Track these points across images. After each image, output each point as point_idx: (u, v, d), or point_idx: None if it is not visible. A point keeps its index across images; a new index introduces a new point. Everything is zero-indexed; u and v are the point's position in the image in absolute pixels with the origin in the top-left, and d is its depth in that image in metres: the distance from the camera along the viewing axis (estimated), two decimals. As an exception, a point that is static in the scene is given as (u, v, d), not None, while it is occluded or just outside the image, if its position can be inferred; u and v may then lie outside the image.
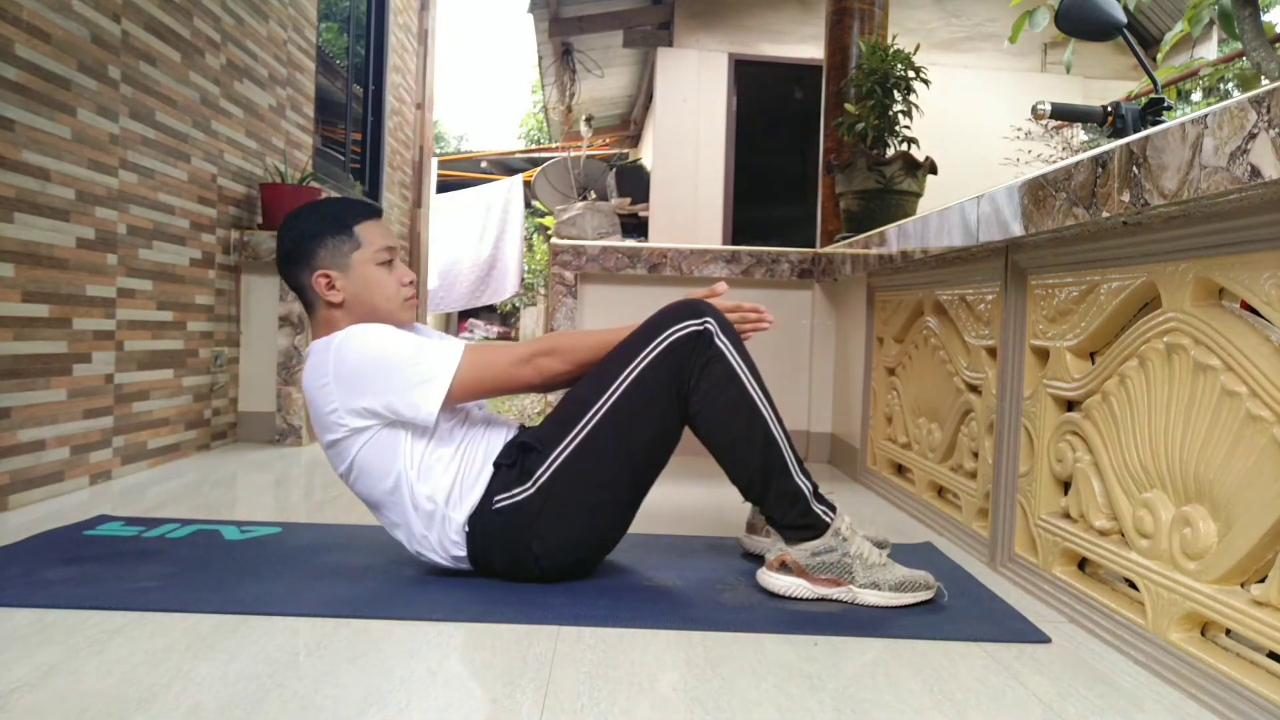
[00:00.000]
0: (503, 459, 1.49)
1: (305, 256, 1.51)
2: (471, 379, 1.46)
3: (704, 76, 6.18)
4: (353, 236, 1.52)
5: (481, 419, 1.59)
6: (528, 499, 1.45)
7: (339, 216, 1.53)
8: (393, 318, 1.54)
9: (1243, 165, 0.95)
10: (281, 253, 1.54)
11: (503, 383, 1.49)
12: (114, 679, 1.10)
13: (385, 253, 1.54)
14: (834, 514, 1.48)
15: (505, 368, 1.48)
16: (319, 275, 1.50)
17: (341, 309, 1.52)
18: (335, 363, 1.44)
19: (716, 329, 1.47)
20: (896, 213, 2.73)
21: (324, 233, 1.51)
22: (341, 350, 1.44)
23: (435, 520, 1.48)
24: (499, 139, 33.83)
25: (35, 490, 2.12)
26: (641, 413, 1.46)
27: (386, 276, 1.54)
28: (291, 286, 1.55)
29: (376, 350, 1.44)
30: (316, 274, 1.50)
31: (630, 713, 1.05)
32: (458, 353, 1.46)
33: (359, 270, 1.52)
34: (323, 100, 4.25)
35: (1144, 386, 1.29)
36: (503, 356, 1.48)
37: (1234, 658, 1.10)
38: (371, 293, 1.52)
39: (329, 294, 1.51)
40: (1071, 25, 1.74)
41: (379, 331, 1.47)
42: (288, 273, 1.54)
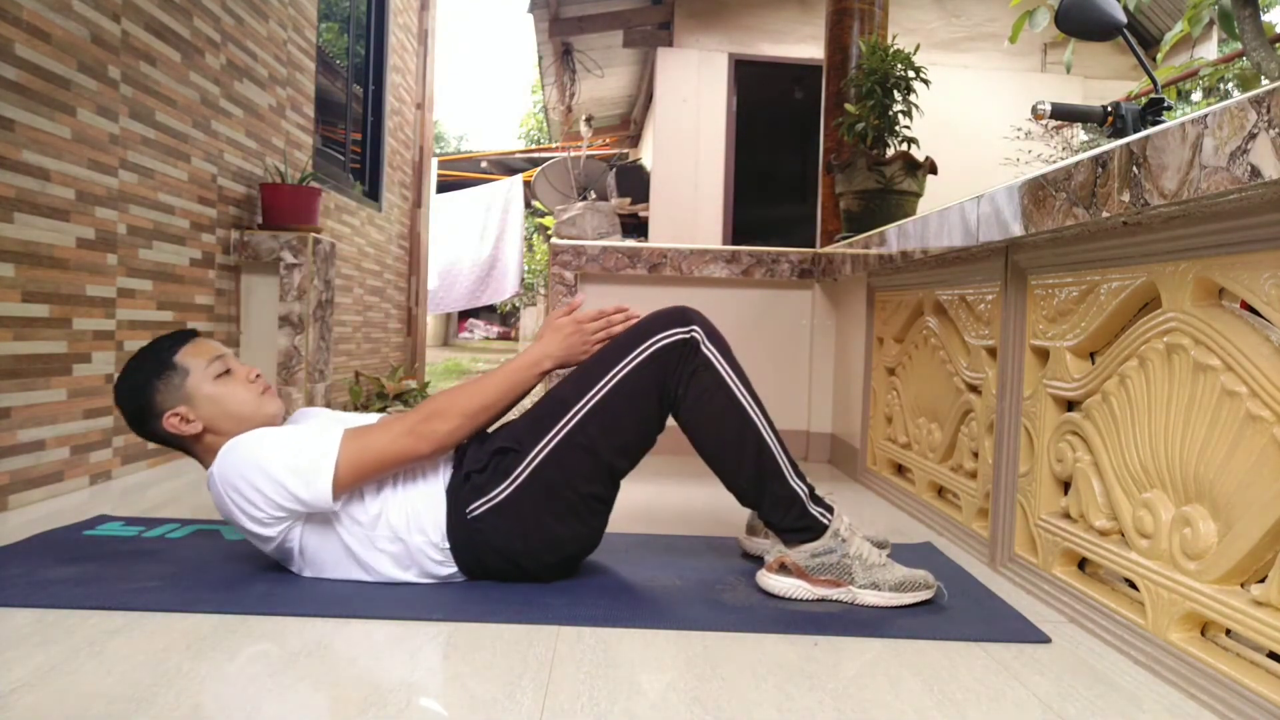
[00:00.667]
0: (473, 465, 1.48)
1: (148, 410, 1.49)
2: (355, 463, 1.40)
3: (704, 76, 6.19)
4: (177, 369, 1.50)
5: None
6: (506, 499, 1.45)
7: (156, 357, 1.52)
8: (257, 416, 1.51)
9: (1243, 165, 0.95)
10: (129, 419, 1.53)
11: (389, 460, 1.42)
12: (114, 679, 1.10)
13: (217, 365, 1.52)
14: (831, 515, 1.49)
15: (388, 445, 1.42)
16: (169, 417, 1.48)
17: (209, 434, 1.50)
18: (223, 486, 1.42)
19: (703, 337, 1.47)
20: (896, 213, 2.73)
21: (150, 379, 1.50)
22: (223, 474, 1.42)
23: (406, 556, 1.48)
24: (499, 139, 33.84)
25: (35, 490, 2.12)
26: (622, 416, 1.46)
27: (229, 385, 1.52)
28: (157, 441, 1.54)
29: (250, 463, 1.40)
30: (166, 418, 1.49)
31: (630, 713, 1.05)
32: (335, 441, 1.41)
33: (200, 394, 1.49)
34: (323, 100, 4.25)
35: (1144, 386, 1.29)
36: (385, 435, 1.43)
37: (1234, 658, 1.10)
38: (224, 407, 1.50)
39: (187, 428, 1.49)
40: (1071, 25, 1.74)
41: (248, 444, 1.43)
42: (144, 431, 1.53)
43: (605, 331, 1.54)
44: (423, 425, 1.43)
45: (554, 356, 1.51)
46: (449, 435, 1.45)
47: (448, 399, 1.47)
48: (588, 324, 1.53)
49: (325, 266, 3.38)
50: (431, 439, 1.43)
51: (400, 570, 1.49)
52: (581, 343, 1.52)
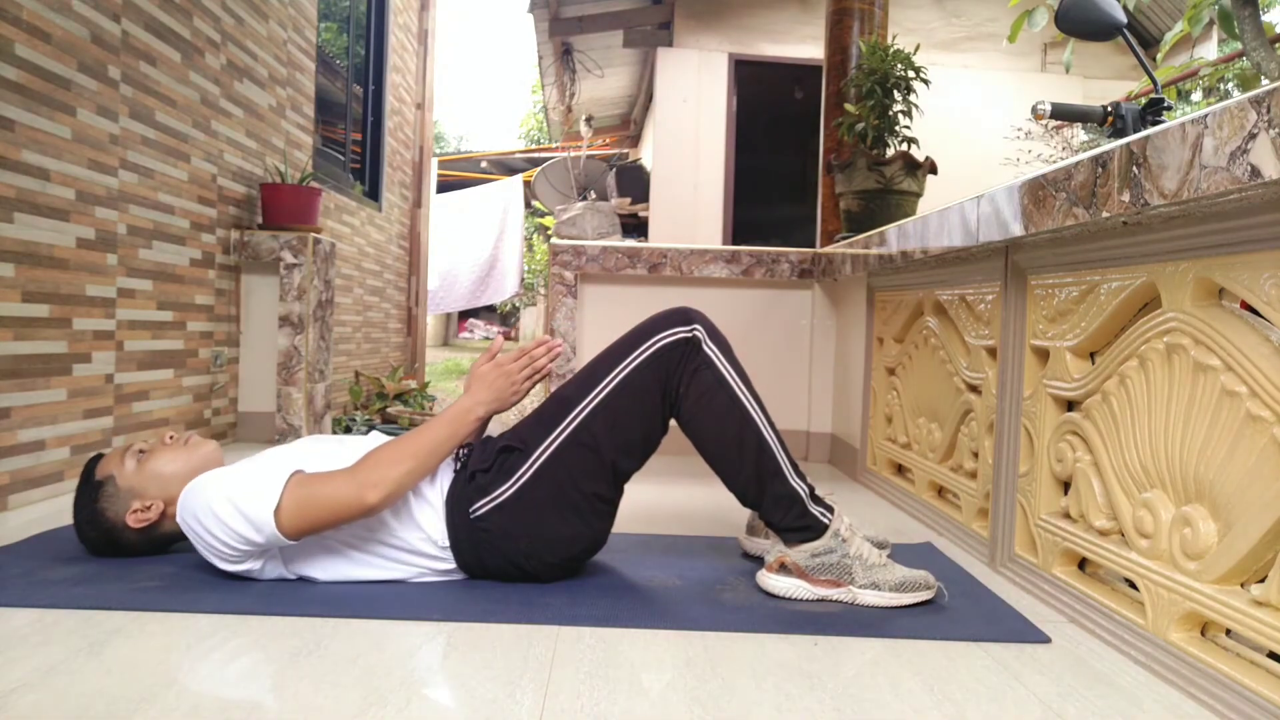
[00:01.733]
0: (479, 465, 1.49)
1: (113, 527, 1.54)
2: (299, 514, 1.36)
3: (704, 76, 6.18)
4: (103, 483, 1.53)
5: None
6: (509, 498, 1.45)
7: (85, 489, 1.54)
8: (194, 462, 1.54)
9: (1243, 165, 0.95)
10: (107, 550, 1.57)
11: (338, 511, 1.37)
12: (114, 679, 1.10)
13: (130, 456, 1.54)
14: (831, 515, 1.49)
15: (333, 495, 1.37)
16: (129, 518, 1.52)
17: (167, 504, 1.53)
18: (191, 535, 1.43)
19: (704, 336, 1.48)
20: (896, 213, 2.73)
21: (90, 502, 1.54)
22: (186, 521, 1.43)
23: (405, 553, 1.48)
24: (499, 139, 33.84)
25: (35, 490, 2.12)
26: (625, 415, 1.47)
27: (154, 459, 1.54)
28: (151, 552, 1.58)
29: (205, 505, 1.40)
30: (128, 521, 1.52)
31: (630, 713, 1.05)
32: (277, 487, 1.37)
33: (137, 483, 1.53)
34: (323, 100, 4.25)
35: (1144, 386, 1.29)
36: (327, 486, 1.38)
37: (1234, 658, 1.10)
38: (162, 476, 1.53)
39: (151, 514, 1.53)
40: (1071, 25, 1.74)
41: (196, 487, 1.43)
42: (120, 549, 1.56)
43: (530, 368, 1.53)
44: (370, 474, 1.38)
45: (484, 403, 1.51)
46: (399, 480, 1.40)
47: (392, 447, 1.44)
48: (510, 366, 1.52)
49: (325, 266, 3.38)
50: (380, 486, 1.38)
51: (399, 566, 1.49)
52: (509, 385, 1.52)
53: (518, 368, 1.53)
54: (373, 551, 1.47)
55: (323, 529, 1.40)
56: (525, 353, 1.54)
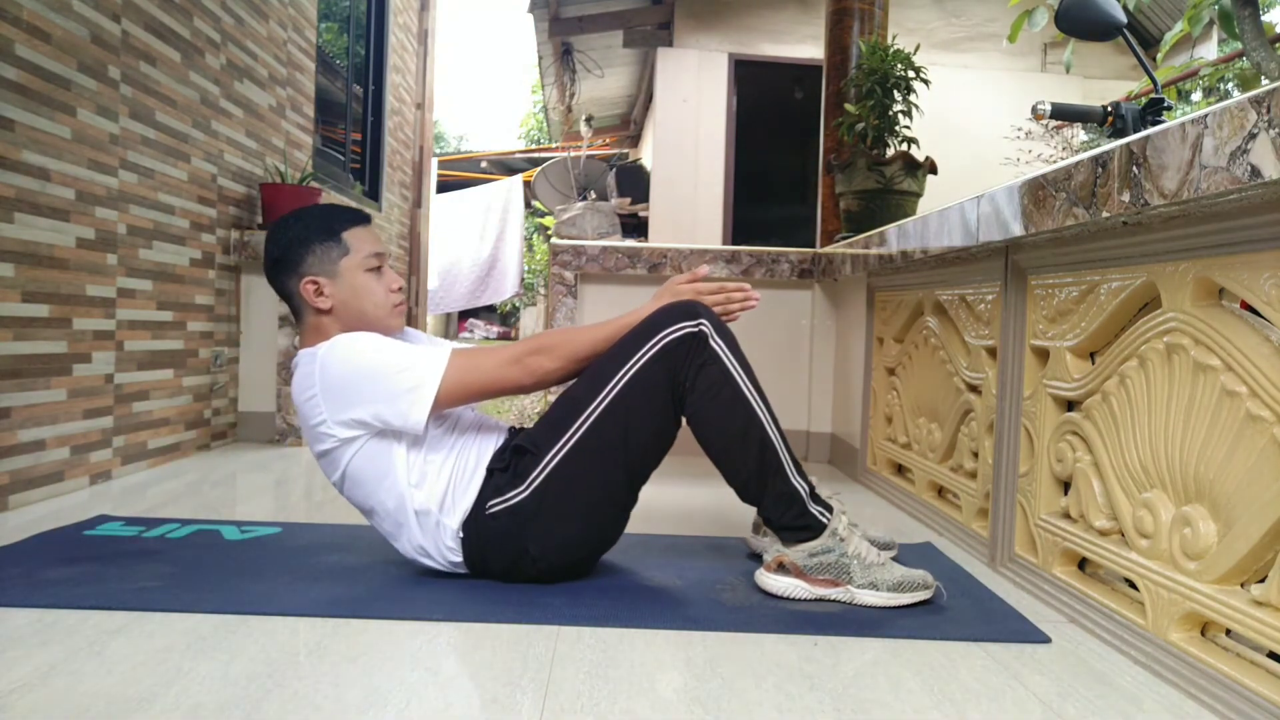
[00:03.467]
0: (495, 463, 1.49)
1: (293, 263, 1.50)
2: (459, 383, 1.44)
3: (704, 76, 6.18)
4: (341, 243, 1.51)
5: (473, 423, 1.58)
6: (522, 502, 1.45)
7: (327, 223, 1.52)
8: (381, 324, 1.53)
9: (1243, 165, 0.95)
10: (270, 260, 1.52)
11: (493, 385, 1.46)
12: (114, 679, 1.10)
13: (374, 259, 1.53)
14: (831, 515, 1.49)
15: (494, 369, 1.46)
16: (307, 282, 1.49)
17: (330, 315, 1.51)
18: (321, 374, 1.43)
19: (711, 331, 1.47)
20: (896, 213, 2.72)
21: (312, 239, 1.50)
22: (327, 361, 1.43)
23: (430, 526, 1.48)
24: (499, 139, 33.84)
25: (35, 490, 2.12)
26: (636, 413, 1.46)
27: (375, 283, 1.53)
28: (279, 293, 1.54)
29: (361, 360, 1.42)
30: (305, 280, 1.49)
31: (630, 713, 1.05)
32: (444, 358, 1.44)
33: (347, 277, 1.50)
34: (323, 100, 4.25)
35: (1144, 386, 1.29)
36: (492, 359, 1.46)
37: (1234, 658, 1.10)
38: (360, 299, 1.51)
39: (317, 300, 1.50)
40: (1071, 25, 1.74)
41: (364, 340, 1.45)
42: (276, 279, 1.53)
43: (723, 307, 1.53)
44: (530, 358, 1.46)
45: None
46: (551, 374, 1.48)
47: (559, 338, 1.49)
48: (708, 295, 1.53)
49: (325, 266, 3.38)
50: (536, 373, 1.47)
51: (419, 534, 1.48)
52: None
53: (713, 300, 1.53)
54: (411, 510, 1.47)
55: (474, 400, 1.47)
56: (724, 289, 1.55)
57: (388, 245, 5.31)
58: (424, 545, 1.49)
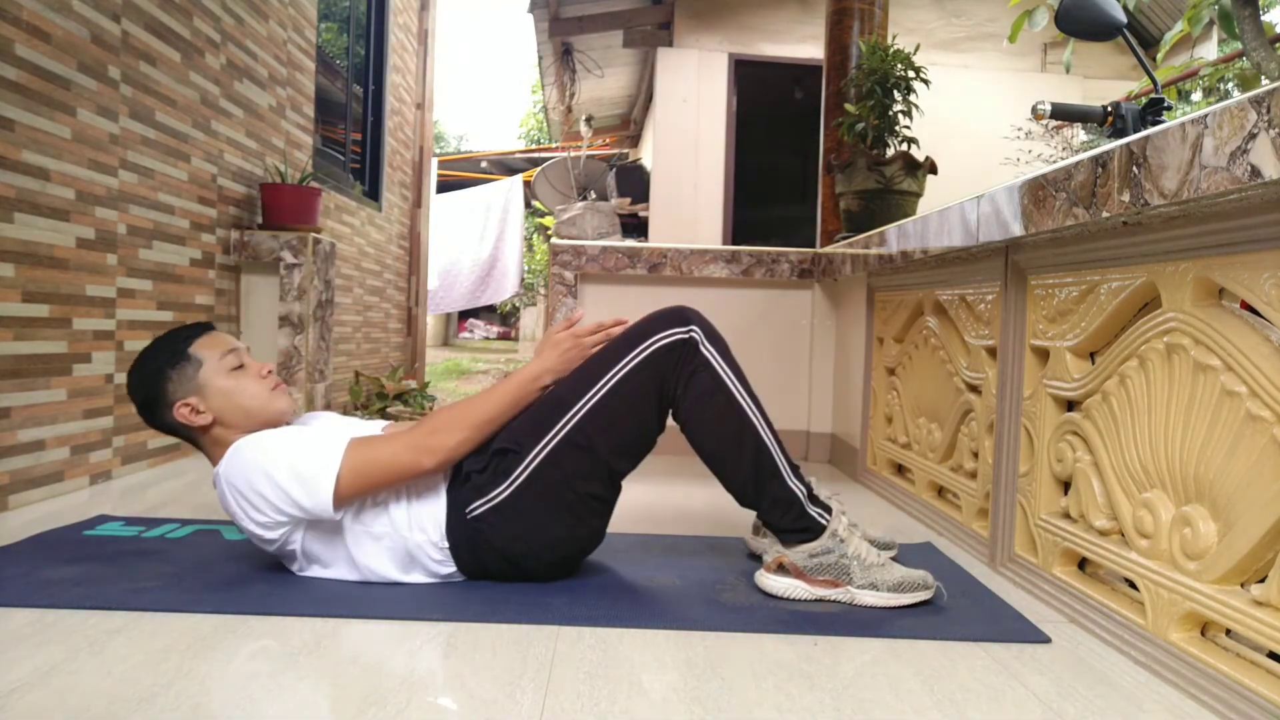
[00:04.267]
0: (473, 465, 1.49)
1: (159, 398, 1.50)
2: (357, 475, 1.39)
3: (704, 76, 6.18)
4: (191, 359, 1.50)
5: None
6: (505, 499, 1.45)
7: (171, 347, 1.52)
8: (266, 412, 1.52)
9: (1243, 165, 0.95)
10: (139, 407, 1.53)
11: (393, 473, 1.41)
12: (114, 679, 1.10)
13: (230, 358, 1.52)
14: (830, 515, 1.49)
15: (391, 460, 1.41)
16: (179, 407, 1.49)
17: (218, 427, 1.50)
18: (229, 489, 1.43)
19: (702, 337, 1.47)
20: (896, 213, 2.72)
21: (164, 368, 1.50)
22: (229, 476, 1.43)
23: (407, 555, 1.48)
24: (499, 139, 33.85)
25: (35, 490, 2.12)
26: (620, 416, 1.46)
27: (242, 380, 1.52)
28: (165, 431, 1.54)
29: (255, 466, 1.40)
30: (176, 407, 1.49)
31: (630, 713, 1.05)
32: (340, 450, 1.40)
33: (212, 387, 1.49)
34: (323, 100, 4.25)
35: (1144, 386, 1.29)
36: (386, 449, 1.41)
37: (1234, 658, 1.10)
38: (235, 400, 1.50)
39: (197, 419, 1.49)
40: (1071, 25, 1.74)
41: (254, 446, 1.43)
42: (154, 421, 1.52)
43: (604, 345, 1.53)
44: (428, 439, 1.43)
45: (554, 370, 1.51)
46: (455, 449, 1.44)
47: (452, 413, 1.47)
48: (586, 338, 1.52)
49: (325, 266, 3.38)
50: (437, 453, 1.43)
51: (400, 571, 1.49)
52: (580, 356, 1.52)
53: (592, 341, 1.52)
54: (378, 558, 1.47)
55: (377, 491, 1.43)
56: (603, 328, 1.54)
57: (389, 246, 5.31)
58: (411, 578, 1.50)
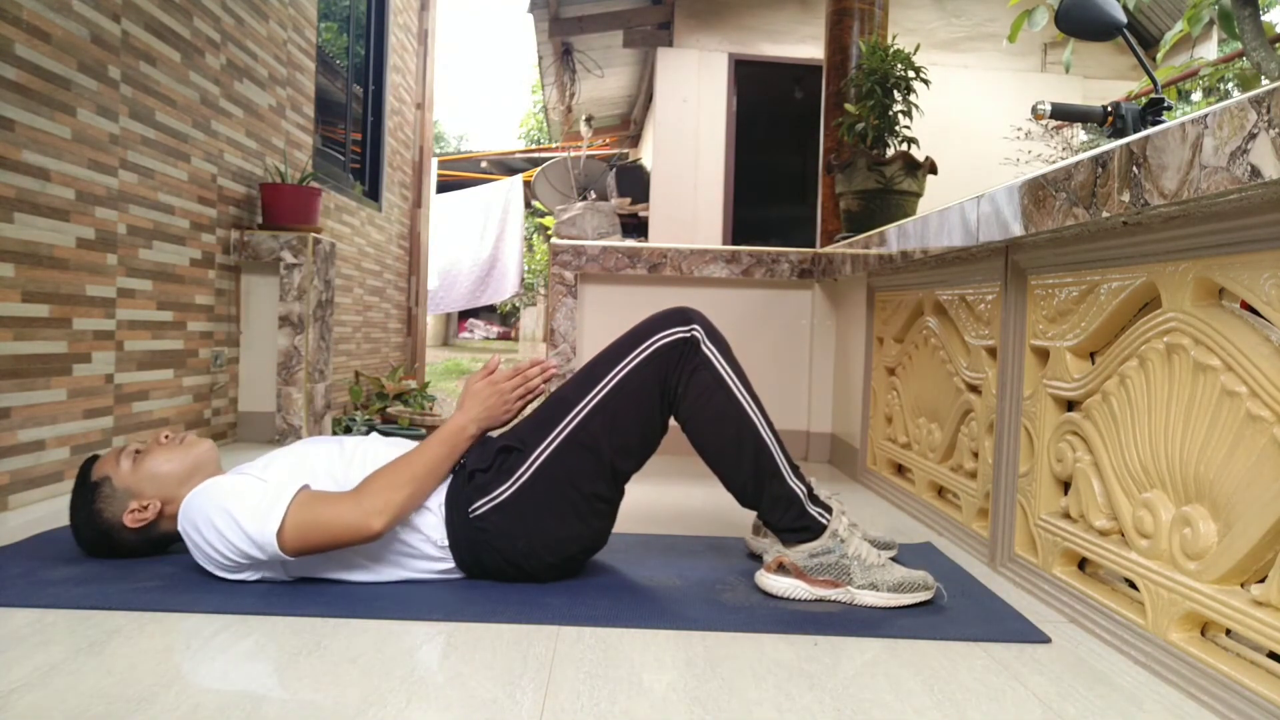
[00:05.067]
0: (478, 464, 1.49)
1: (110, 527, 1.52)
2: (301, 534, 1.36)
3: (704, 76, 6.18)
4: (101, 481, 1.52)
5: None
6: (509, 498, 1.45)
7: (82, 491, 1.53)
8: (191, 461, 1.54)
9: (1243, 165, 0.95)
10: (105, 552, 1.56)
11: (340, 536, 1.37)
12: (114, 679, 1.10)
13: (125, 456, 1.54)
14: (830, 515, 1.49)
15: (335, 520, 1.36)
16: (127, 517, 1.51)
17: (167, 505, 1.52)
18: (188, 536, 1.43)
19: (703, 336, 1.48)
20: (896, 213, 2.73)
21: (88, 504, 1.53)
22: (185, 526, 1.44)
23: (410, 556, 1.48)
24: (499, 139, 33.86)
25: (35, 490, 2.12)
26: (624, 415, 1.47)
27: (150, 458, 1.53)
28: (148, 553, 1.58)
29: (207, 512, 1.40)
30: (126, 520, 1.51)
31: (630, 713, 1.05)
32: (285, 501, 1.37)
33: (133, 483, 1.52)
34: (323, 100, 4.25)
35: (1144, 386, 1.29)
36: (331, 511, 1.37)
37: (1234, 658, 1.10)
38: (159, 476, 1.52)
39: (149, 513, 1.52)
40: (1071, 25, 1.74)
41: (205, 491, 1.43)
42: (117, 549, 1.55)
43: (524, 387, 1.54)
44: (372, 501, 1.38)
45: (478, 420, 1.51)
46: (402, 505, 1.40)
47: (389, 472, 1.43)
48: (504, 384, 1.53)
49: (325, 266, 3.38)
50: (384, 513, 1.38)
51: (396, 571, 1.49)
52: (501, 404, 1.52)
53: (510, 386, 1.53)
54: (372, 556, 1.47)
55: (324, 551, 1.40)
56: (519, 372, 1.55)
57: (389, 246, 5.31)
58: (412, 570, 1.50)
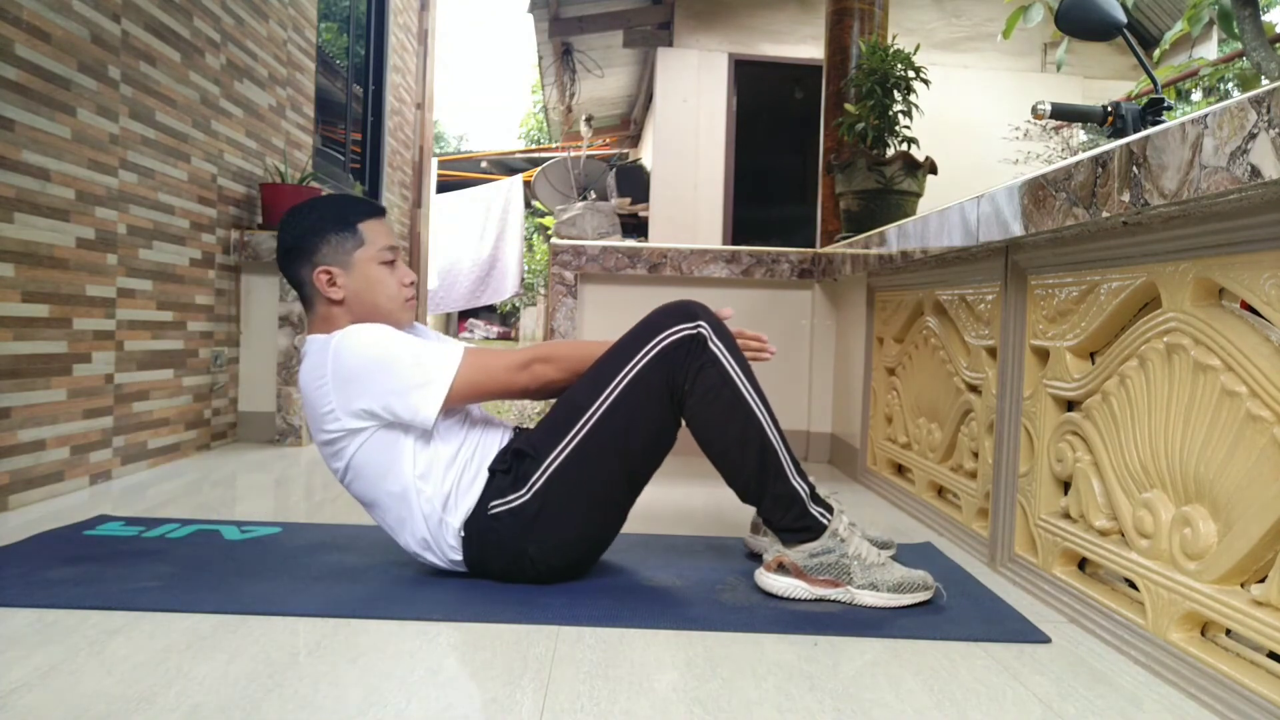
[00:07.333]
0: (498, 465, 1.49)
1: (308, 252, 1.50)
2: (470, 383, 1.45)
3: (704, 76, 6.18)
4: (356, 234, 1.51)
5: (480, 419, 1.58)
6: (524, 504, 1.45)
7: (343, 213, 1.52)
8: (393, 318, 1.53)
9: (1243, 165, 0.95)
10: (283, 247, 1.52)
11: (500, 387, 1.48)
12: (114, 679, 1.10)
13: (388, 252, 1.53)
14: (831, 515, 1.49)
15: (503, 373, 1.48)
16: (321, 271, 1.49)
17: (342, 306, 1.51)
18: (334, 362, 1.43)
19: (710, 333, 1.47)
20: (896, 213, 2.73)
21: (327, 229, 1.50)
22: (340, 350, 1.43)
23: (434, 523, 1.48)
24: (499, 139, 33.84)
25: (35, 490, 2.12)
26: (636, 416, 1.46)
27: (389, 276, 1.53)
28: (291, 282, 1.53)
29: (376, 351, 1.43)
30: (318, 270, 1.49)
31: (630, 713, 1.05)
32: (457, 356, 1.45)
33: (361, 268, 1.50)
34: (323, 100, 4.25)
35: (1144, 386, 1.29)
36: (500, 361, 1.48)
37: (1234, 658, 1.10)
38: (373, 291, 1.51)
39: (330, 290, 1.49)
40: (1071, 25, 1.74)
41: (378, 332, 1.45)
42: (289, 267, 1.52)
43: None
44: (537, 365, 1.49)
45: None
46: (553, 383, 1.52)
47: (565, 349, 1.53)
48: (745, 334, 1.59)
49: (325, 266, 3.38)
50: (540, 379, 1.50)
51: (423, 528, 1.48)
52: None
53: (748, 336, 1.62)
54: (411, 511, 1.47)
55: (482, 398, 1.49)
56: (743, 334, 1.62)
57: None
58: (427, 538, 1.49)
